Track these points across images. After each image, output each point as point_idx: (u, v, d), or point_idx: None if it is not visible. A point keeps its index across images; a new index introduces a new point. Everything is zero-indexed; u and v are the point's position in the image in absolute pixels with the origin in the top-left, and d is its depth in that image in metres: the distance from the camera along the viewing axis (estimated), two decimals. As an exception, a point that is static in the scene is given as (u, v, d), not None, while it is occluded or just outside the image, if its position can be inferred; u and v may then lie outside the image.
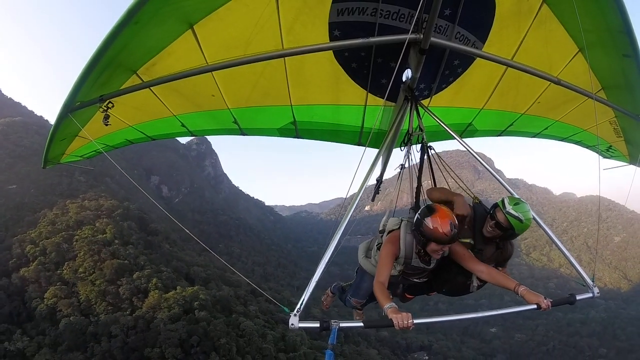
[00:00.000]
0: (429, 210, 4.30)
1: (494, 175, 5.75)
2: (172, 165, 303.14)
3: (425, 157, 6.01)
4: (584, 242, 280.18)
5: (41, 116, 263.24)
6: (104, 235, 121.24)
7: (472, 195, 5.51)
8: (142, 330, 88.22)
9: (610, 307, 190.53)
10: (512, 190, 5.32)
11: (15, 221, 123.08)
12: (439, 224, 4.14)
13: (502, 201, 4.73)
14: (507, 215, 4.57)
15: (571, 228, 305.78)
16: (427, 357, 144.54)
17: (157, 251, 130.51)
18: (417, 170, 6.12)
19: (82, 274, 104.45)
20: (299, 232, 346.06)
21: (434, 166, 6.08)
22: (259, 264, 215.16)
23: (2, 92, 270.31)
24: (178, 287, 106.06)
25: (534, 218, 4.76)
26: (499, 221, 4.63)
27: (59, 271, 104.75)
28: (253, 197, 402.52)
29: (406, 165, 6.47)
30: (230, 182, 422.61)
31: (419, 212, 4.42)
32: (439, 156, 6.00)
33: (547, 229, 5.20)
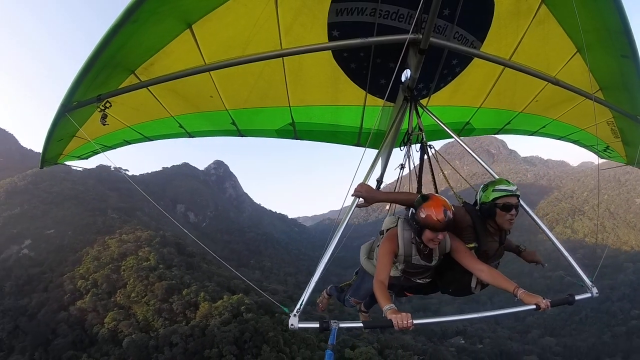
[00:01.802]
0: (423, 199, 4.30)
1: (486, 169, 5.68)
2: (194, 192, 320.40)
3: (426, 156, 5.99)
4: (605, 208, 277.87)
5: (64, 163, 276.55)
6: (148, 262, 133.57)
7: (458, 197, 5.42)
8: (199, 336, 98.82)
9: (639, 269, 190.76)
10: (495, 175, 5.27)
11: (58, 262, 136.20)
12: (433, 210, 4.12)
13: (489, 190, 4.68)
14: (514, 193, 4.57)
15: (592, 197, 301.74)
16: (463, 341, 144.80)
17: (198, 270, 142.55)
18: (417, 170, 6.12)
19: (136, 298, 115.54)
20: (324, 239, 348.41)
21: (438, 165, 6.03)
22: (291, 274, 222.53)
23: (21, 144, 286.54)
24: (224, 296, 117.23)
25: (528, 213, 4.98)
26: (511, 205, 4.54)
27: (112, 299, 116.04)
28: (276, 212, 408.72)
29: (406, 165, 6.50)
30: (251, 200, 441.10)
31: (415, 201, 4.40)
32: (439, 154, 5.96)
33: (540, 222, 5.18)
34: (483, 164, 5.95)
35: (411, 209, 4.49)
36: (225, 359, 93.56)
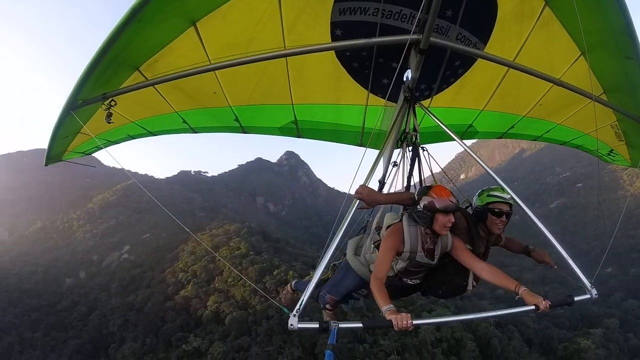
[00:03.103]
0: (427, 187, 4.47)
1: (485, 169, 5.67)
2: (270, 184, 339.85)
3: (418, 157, 6.00)
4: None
5: (145, 174, 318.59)
6: (240, 250, 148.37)
7: (463, 194, 5.50)
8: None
9: None
10: (500, 181, 5.22)
11: (157, 262, 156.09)
12: (441, 193, 4.31)
13: (484, 195, 4.87)
14: (507, 201, 4.75)
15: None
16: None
17: (284, 253, 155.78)
18: (407, 170, 6.16)
19: (232, 282, 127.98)
20: None
21: (429, 167, 6.07)
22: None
23: (103, 163, 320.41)
24: (310, 272, 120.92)
25: (528, 214, 4.89)
26: (502, 211, 4.72)
27: (212, 285, 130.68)
28: (351, 194, 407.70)
29: (400, 165, 6.48)
30: (325, 185, 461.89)
31: (417, 195, 4.52)
32: (432, 157, 6.00)
33: (539, 223, 4.95)
34: (485, 166, 5.90)
35: (417, 202, 4.50)
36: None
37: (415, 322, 3.68)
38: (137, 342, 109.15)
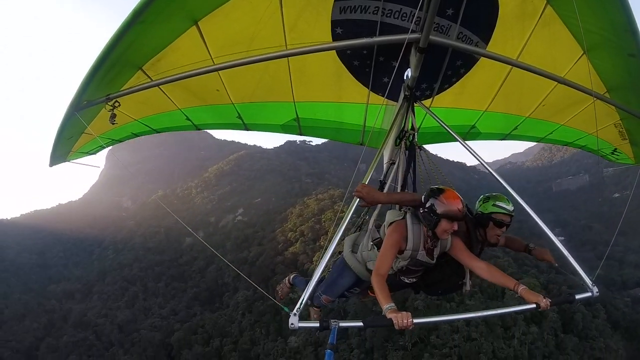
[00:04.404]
0: (439, 190, 4.39)
1: (492, 174, 5.52)
2: (371, 151, 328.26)
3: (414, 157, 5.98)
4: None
5: (254, 144, 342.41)
6: (342, 214, 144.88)
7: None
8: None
9: None
10: (504, 182, 5.31)
11: (267, 223, 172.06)
12: (452, 201, 4.25)
13: (490, 203, 4.87)
14: (510, 213, 4.78)
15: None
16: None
17: (383, 215, 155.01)
18: (403, 170, 6.16)
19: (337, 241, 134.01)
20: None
21: (437, 169, 6.12)
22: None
23: (215, 137, 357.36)
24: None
25: (529, 213, 4.94)
26: (504, 222, 4.77)
27: (317, 244, 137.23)
28: (453, 161, 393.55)
29: (397, 164, 6.44)
30: (427, 151, 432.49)
31: (426, 194, 4.47)
32: (429, 157, 6.03)
33: (541, 223, 5.02)
34: (488, 168, 5.86)
35: (423, 201, 4.47)
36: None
37: (415, 320, 3.68)
38: (249, 290, 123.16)
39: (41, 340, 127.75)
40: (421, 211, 4.44)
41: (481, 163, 5.83)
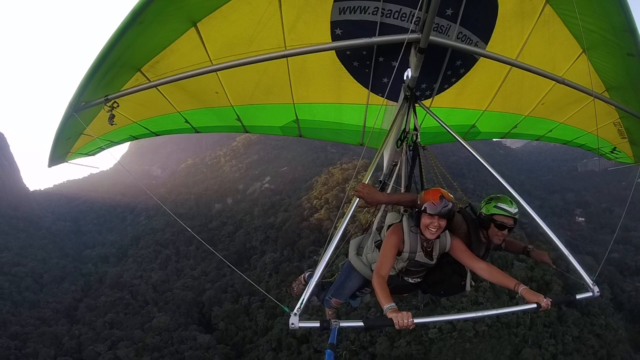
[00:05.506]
0: (426, 189, 4.60)
1: (494, 174, 5.46)
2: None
3: (419, 157, 5.97)
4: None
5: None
6: (343, 213, 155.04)
7: (456, 201, 5.17)
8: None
9: None
10: (504, 182, 5.28)
11: (294, 190, 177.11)
12: (430, 195, 4.35)
13: (492, 205, 4.79)
14: (513, 216, 4.68)
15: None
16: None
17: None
18: (407, 170, 6.15)
19: (359, 209, 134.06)
20: (531, 162, 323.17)
21: (437, 168, 6.08)
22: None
23: None
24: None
25: (530, 214, 4.96)
26: (505, 225, 4.68)
27: (341, 211, 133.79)
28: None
29: (399, 164, 6.47)
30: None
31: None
32: (432, 157, 6.00)
33: (542, 223, 5.03)
34: (490, 168, 5.75)
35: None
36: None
37: (416, 320, 3.70)
38: (276, 252, 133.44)
39: (79, 302, 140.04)
40: (415, 210, 4.56)
41: (482, 163, 5.75)
